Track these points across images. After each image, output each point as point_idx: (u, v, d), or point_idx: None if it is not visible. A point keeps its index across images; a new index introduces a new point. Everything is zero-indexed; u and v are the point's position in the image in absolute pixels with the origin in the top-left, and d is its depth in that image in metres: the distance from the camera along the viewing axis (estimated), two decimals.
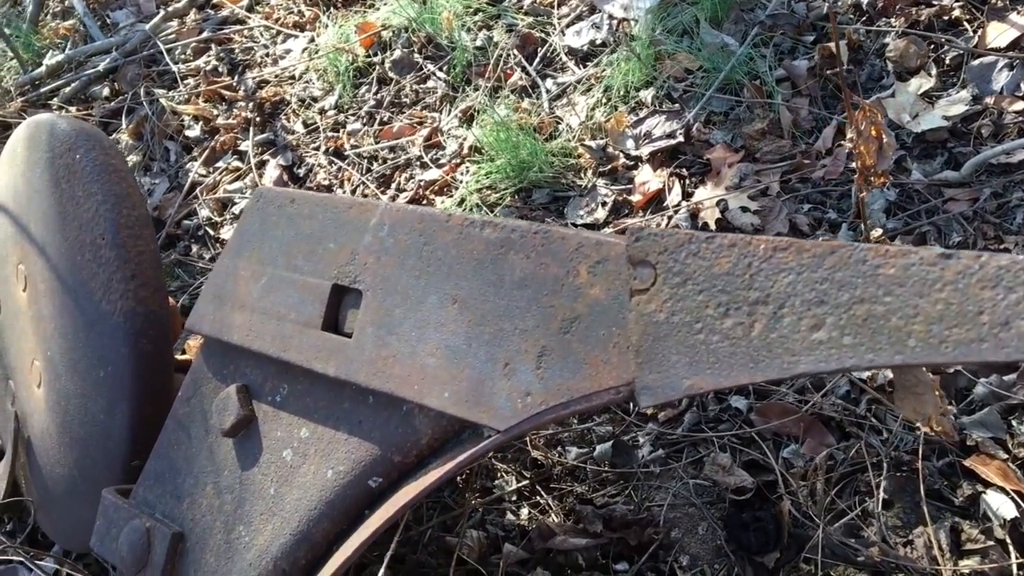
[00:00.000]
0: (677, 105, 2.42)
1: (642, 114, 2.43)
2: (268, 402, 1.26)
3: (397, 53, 2.85)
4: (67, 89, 3.16)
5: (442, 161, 2.57)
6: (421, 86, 2.79)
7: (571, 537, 1.73)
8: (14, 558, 2.07)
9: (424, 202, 2.51)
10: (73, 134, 1.74)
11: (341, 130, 2.78)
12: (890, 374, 1.69)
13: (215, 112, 2.99)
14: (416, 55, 2.84)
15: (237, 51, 3.22)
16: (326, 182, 2.67)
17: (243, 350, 1.27)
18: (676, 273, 0.86)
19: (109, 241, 1.62)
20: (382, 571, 1.16)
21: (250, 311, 1.26)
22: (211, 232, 2.69)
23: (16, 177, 1.85)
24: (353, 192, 2.64)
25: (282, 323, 1.21)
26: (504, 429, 0.96)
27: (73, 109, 3.11)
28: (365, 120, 2.77)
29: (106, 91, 3.18)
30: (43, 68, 3.21)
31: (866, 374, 1.72)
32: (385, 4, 3.02)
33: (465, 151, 2.54)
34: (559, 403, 0.92)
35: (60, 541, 1.88)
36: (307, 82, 3.00)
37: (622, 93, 2.50)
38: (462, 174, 2.51)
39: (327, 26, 3.05)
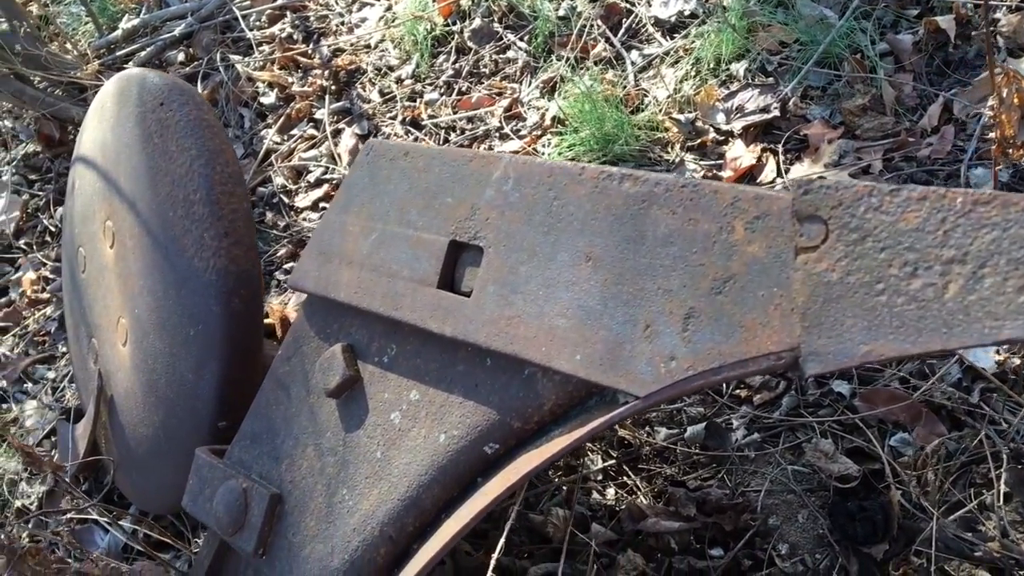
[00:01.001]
0: (771, 79, 2.32)
1: (733, 87, 2.34)
2: (375, 363, 1.21)
3: (476, 22, 2.78)
4: (142, 53, 3.16)
5: (522, 132, 2.51)
6: (500, 56, 2.72)
7: (663, 519, 1.67)
8: (88, 518, 2.07)
9: None
10: (165, 88, 1.71)
11: (418, 100, 2.73)
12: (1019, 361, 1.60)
13: (290, 79, 2.96)
14: (496, 24, 2.77)
15: (312, 19, 3.18)
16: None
17: (349, 308, 1.23)
18: (853, 229, 0.79)
19: (203, 197, 1.59)
20: (501, 541, 1.11)
21: (359, 268, 1.21)
22: (285, 200, 2.67)
23: (105, 132, 1.83)
24: None
25: (394, 280, 1.16)
26: (644, 395, 0.90)
27: None
28: (443, 90, 2.72)
29: (181, 56, 3.17)
30: (119, 32, 3.21)
31: (990, 361, 1.63)
32: None
33: (547, 122, 2.48)
34: (708, 369, 0.86)
35: (139, 502, 1.86)
36: (383, 51, 2.95)
37: (712, 66, 2.41)
38: (544, 146, 2.44)
39: None
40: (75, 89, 3.07)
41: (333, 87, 2.87)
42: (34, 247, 2.88)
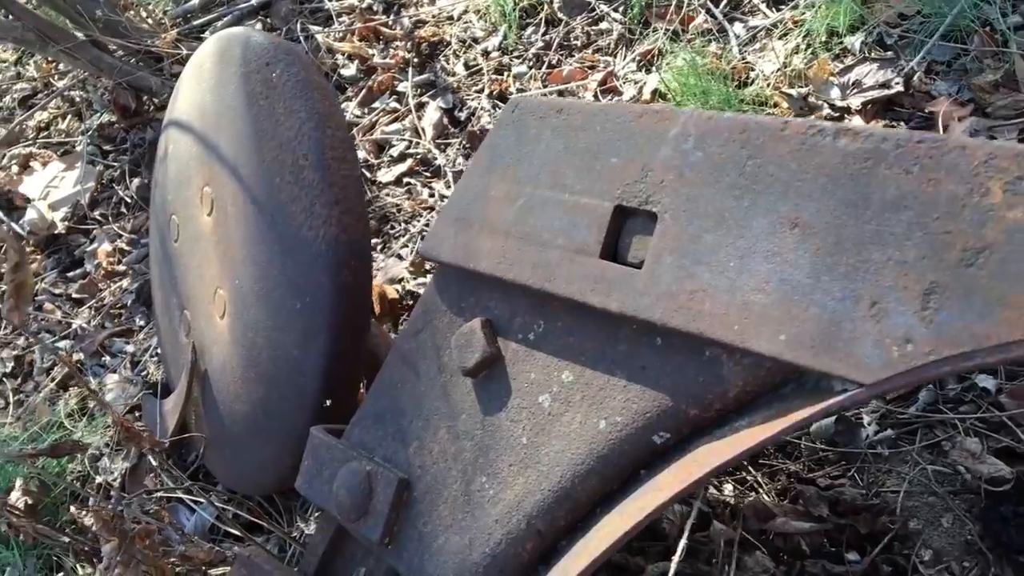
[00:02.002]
0: (890, 53, 2.17)
1: (848, 61, 2.19)
2: (518, 340, 1.11)
3: None
4: (219, 23, 3.08)
5: None
6: (593, 28, 2.60)
7: (792, 519, 1.54)
8: (173, 497, 2.00)
9: None
10: (271, 47, 1.61)
11: (505, 73, 2.62)
12: None
13: (371, 51, 2.86)
14: None
15: None
16: (490, 127, 2.51)
17: (490, 280, 1.12)
18: None
19: (313, 162, 1.49)
20: (679, 553, 1.00)
21: (503, 236, 1.10)
22: (368, 175, 2.57)
23: (204, 94, 1.74)
24: None
25: (545, 250, 1.05)
26: (870, 383, 0.78)
27: None
28: (532, 62, 2.60)
29: (259, 26, 3.08)
30: (195, 1, 3.14)
31: None
32: None
33: (645, 96, 2.35)
34: (956, 353, 0.74)
35: (230, 481, 1.78)
36: (467, 23, 2.84)
37: (823, 39, 2.26)
38: None
39: None
40: (151, 59, 3.00)
41: (415, 59, 2.77)
42: (109, 219, 2.82)
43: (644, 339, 0.98)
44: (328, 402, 1.52)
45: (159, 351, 2.11)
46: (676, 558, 0.99)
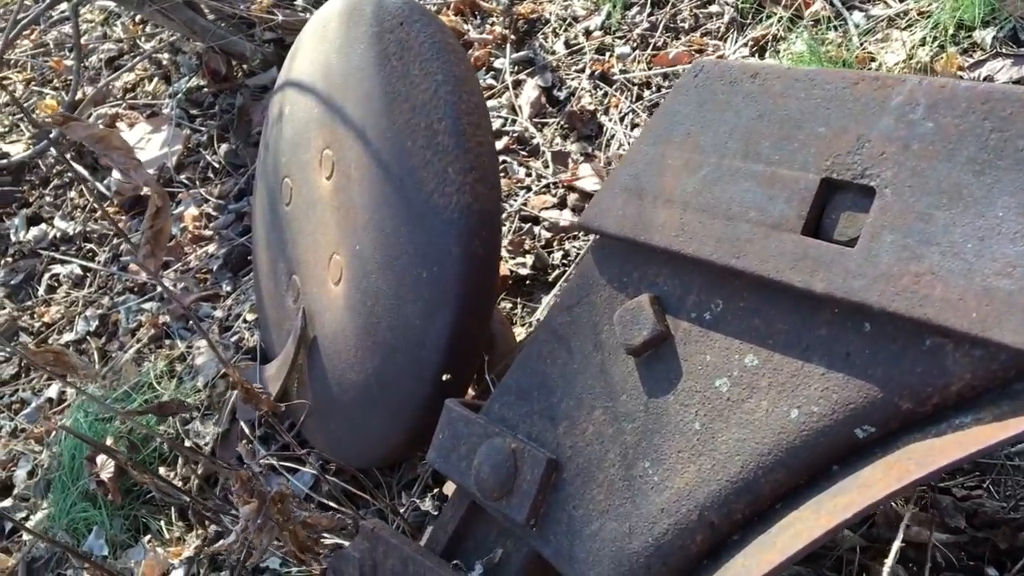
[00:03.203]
0: None
1: (979, 56, 2.09)
2: (691, 319, 1.03)
3: None
4: None
5: None
6: (702, 10, 2.51)
7: (927, 529, 1.46)
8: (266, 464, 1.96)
9: None
10: (405, 7, 1.55)
11: (608, 53, 2.54)
12: None
13: (467, 26, 2.80)
14: None
15: None
16: (591, 107, 2.44)
17: (662, 254, 1.05)
18: None
19: (448, 127, 1.43)
20: (890, 561, 0.92)
21: (681, 207, 1.03)
22: None
23: (328, 54, 1.68)
24: (621, 120, 2.40)
25: (734, 223, 0.98)
26: None
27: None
28: (636, 44, 2.52)
29: None
30: None
31: None
32: None
33: None
34: None
35: (334, 451, 1.73)
36: (567, 1, 2.77)
37: (950, 32, 2.16)
38: None
39: None
40: (243, 23, 2.96)
41: (513, 36, 2.70)
42: (196, 183, 2.80)
43: (849, 324, 0.91)
44: (447, 376, 1.46)
45: (257, 316, 2.07)
46: (889, 561, 0.91)
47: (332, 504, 1.73)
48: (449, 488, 1.43)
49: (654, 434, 1.03)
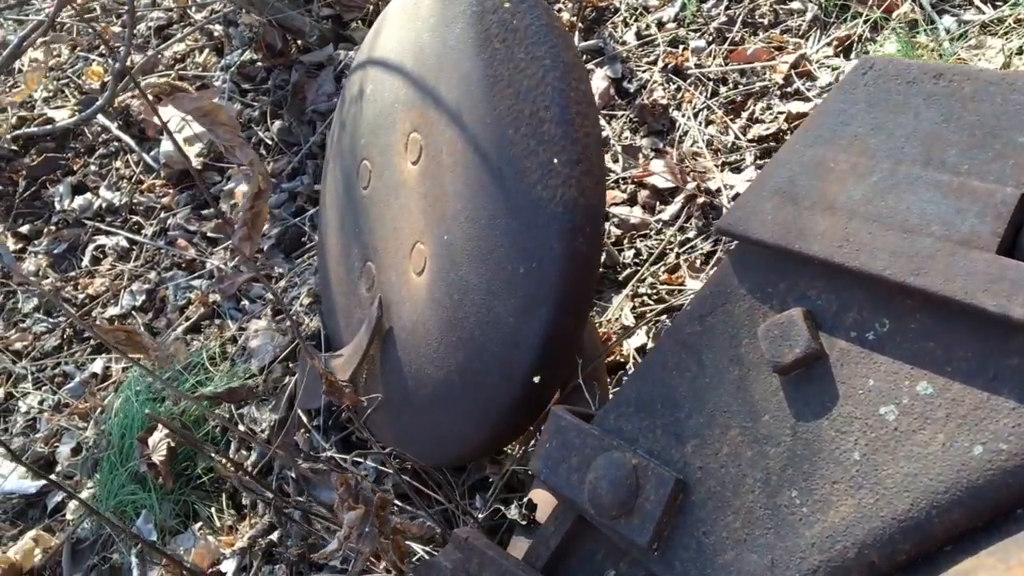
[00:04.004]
0: None
1: None
2: (850, 338, 0.94)
3: None
4: None
5: (810, 94, 2.20)
6: (782, 6, 2.40)
7: None
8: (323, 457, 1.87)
9: (786, 137, 2.16)
10: None
11: (681, 46, 2.44)
12: None
13: None
14: None
15: None
16: (663, 101, 2.34)
17: (820, 265, 0.96)
18: None
19: (556, 116, 1.34)
20: None
21: (846, 216, 0.94)
22: None
23: (420, 33, 1.59)
24: (695, 116, 2.30)
25: (911, 237, 0.89)
26: None
27: None
28: (712, 38, 2.42)
29: None
30: None
31: None
32: None
33: None
34: None
35: (404, 447, 1.64)
36: None
37: None
38: None
39: None
40: None
41: (581, 24, 2.60)
42: None
43: None
44: (538, 378, 1.37)
45: (321, 301, 1.98)
46: None
47: (396, 503, 1.65)
48: (539, 496, 1.35)
49: (803, 461, 0.94)
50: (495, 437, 1.49)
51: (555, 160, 1.32)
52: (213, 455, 1.33)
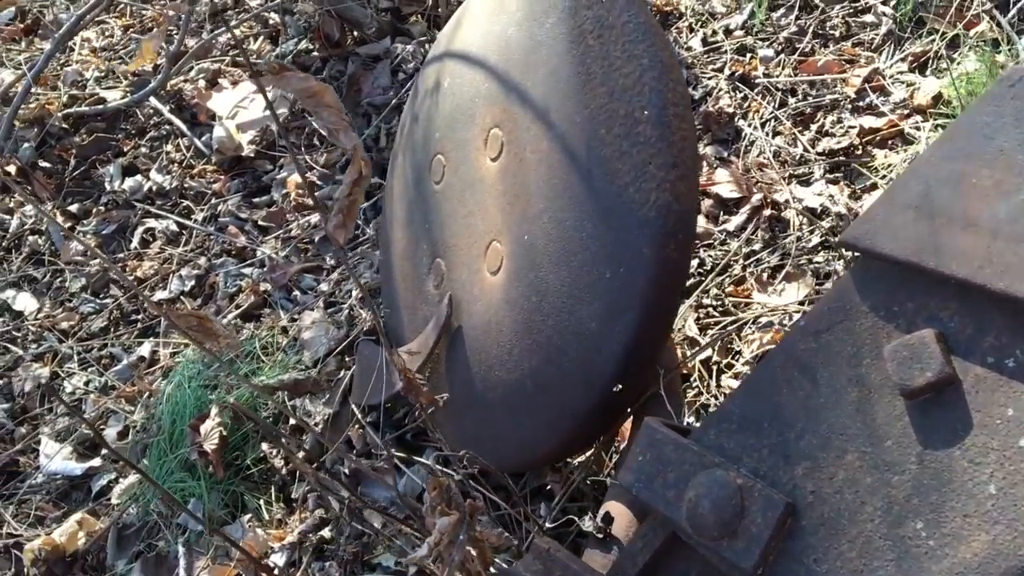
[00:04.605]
0: None
1: None
2: (987, 364, 0.89)
3: None
4: None
5: (883, 109, 2.14)
6: (854, 19, 2.35)
7: None
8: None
9: (859, 153, 2.10)
10: None
11: (749, 54, 2.39)
12: None
13: None
14: None
15: None
16: (729, 109, 2.28)
17: (956, 285, 0.90)
18: None
19: (653, 117, 1.28)
20: None
21: (989, 235, 0.89)
22: None
23: (506, 28, 1.54)
24: (762, 126, 2.25)
25: None
26: None
27: None
28: (781, 47, 2.36)
29: None
30: None
31: None
32: None
33: (920, 101, 2.10)
34: None
35: (477, 450, 1.59)
36: None
37: None
38: (915, 128, 2.07)
39: None
40: None
41: None
42: (301, 148, 2.66)
43: None
44: (618, 388, 1.32)
45: (381, 295, 1.93)
46: None
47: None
48: (615, 510, 1.29)
49: (931, 491, 0.89)
50: (566, 445, 1.44)
51: (651, 163, 1.27)
52: (290, 448, 1.29)
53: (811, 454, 0.98)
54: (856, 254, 1.00)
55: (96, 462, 2.02)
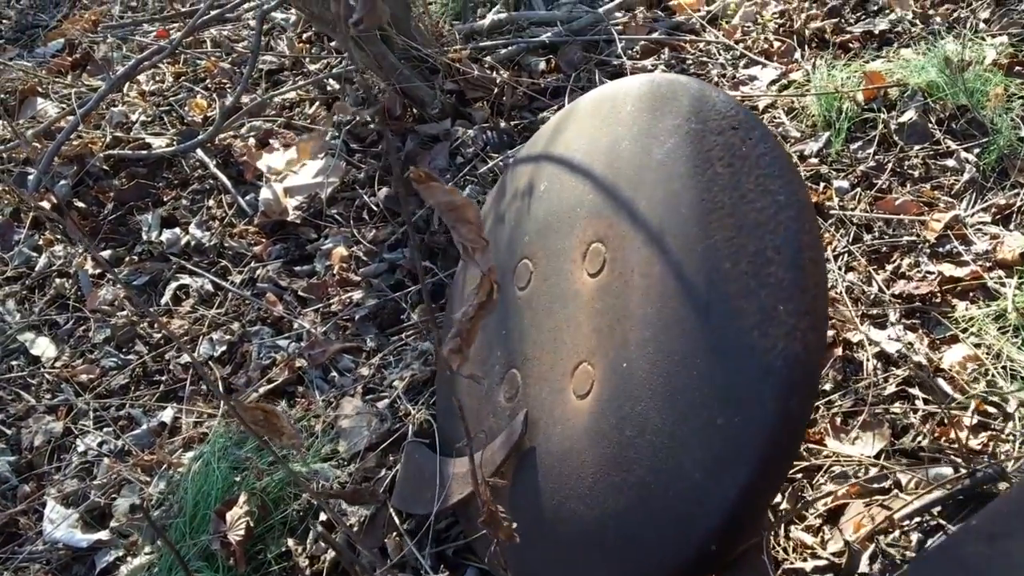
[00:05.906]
0: None
1: None
2: None
3: (909, 115, 2.38)
4: (503, 51, 2.87)
5: (964, 258, 2.08)
6: (935, 162, 2.31)
7: None
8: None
9: (937, 301, 2.02)
10: (738, 110, 1.33)
11: (823, 183, 2.34)
12: None
13: None
14: (932, 125, 2.37)
15: (689, 62, 2.84)
16: None
17: None
18: None
19: (787, 259, 1.20)
20: None
21: None
22: None
23: (618, 140, 1.47)
24: (835, 259, 2.18)
25: None
26: None
27: (503, 72, 2.80)
28: (858, 180, 2.32)
29: (542, 64, 2.86)
30: (485, 22, 2.94)
31: None
32: (893, 57, 2.57)
33: (1004, 255, 2.04)
34: None
35: None
36: (773, 116, 2.58)
37: None
38: (998, 282, 2.00)
39: (813, 65, 2.63)
40: (426, 69, 2.79)
41: None
42: (350, 221, 2.58)
43: None
44: (715, 547, 1.20)
45: (437, 396, 1.82)
46: None
47: None
48: None
49: None
50: None
51: (780, 307, 1.18)
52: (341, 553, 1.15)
53: None
54: None
55: (104, 535, 1.86)
